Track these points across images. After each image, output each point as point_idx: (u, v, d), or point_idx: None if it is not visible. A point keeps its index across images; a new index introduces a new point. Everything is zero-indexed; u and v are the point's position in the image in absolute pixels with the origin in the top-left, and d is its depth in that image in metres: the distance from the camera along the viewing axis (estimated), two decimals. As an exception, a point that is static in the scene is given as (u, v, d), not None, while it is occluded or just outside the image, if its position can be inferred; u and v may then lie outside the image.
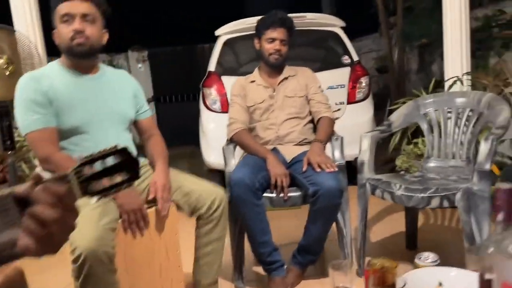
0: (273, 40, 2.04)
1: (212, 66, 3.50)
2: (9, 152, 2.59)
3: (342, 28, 3.60)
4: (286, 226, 2.38)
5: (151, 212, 1.54)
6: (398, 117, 2.11)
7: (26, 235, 0.56)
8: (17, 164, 2.84)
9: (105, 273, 1.25)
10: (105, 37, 1.59)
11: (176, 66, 7.30)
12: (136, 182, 1.56)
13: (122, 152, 0.71)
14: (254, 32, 2.16)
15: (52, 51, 2.09)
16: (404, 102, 3.15)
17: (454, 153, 2.01)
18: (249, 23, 3.44)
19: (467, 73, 2.69)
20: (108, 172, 0.69)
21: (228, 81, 3.35)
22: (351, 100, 3.39)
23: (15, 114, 1.47)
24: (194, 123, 3.76)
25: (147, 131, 1.73)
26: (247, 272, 1.98)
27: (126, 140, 1.63)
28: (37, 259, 0.58)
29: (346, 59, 3.46)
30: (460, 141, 2.00)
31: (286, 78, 2.12)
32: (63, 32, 1.46)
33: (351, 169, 2.13)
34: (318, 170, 1.74)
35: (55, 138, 1.45)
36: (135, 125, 1.73)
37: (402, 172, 2.56)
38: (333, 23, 3.60)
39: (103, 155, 0.69)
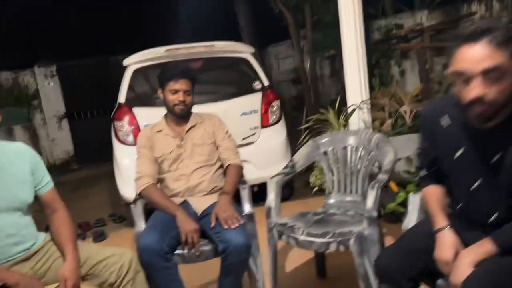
0: (176, 91, 2.05)
1: (122, 98, 3.40)
2: None
3: (252, 53, 3.70)
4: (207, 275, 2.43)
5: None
6: (301, 157, 2.24)
7: None
8: None
9: None
10: None
11: (89, 79, 6.96)
12: (38, 263, 1.52)
13: None
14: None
15: None
16: (318, 118, 3.36)
17: (351, 189, 2.19)
18: (158, 53, 3.42)
19: (364, 101, 2.91)
20: None
21: (140, 112, 3.30)
22: (264, 124, 3.51)
23: None
24: (110, 139, 3.57)
25: (50, 205, 1.62)
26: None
27: (25, 226, 1.54)
28: None
29: (257, 85, 3.56)
30: (356, 177, 2.18)
31: (193, 126, 2.14)
32: None
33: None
34: (226, 226, 1.80)
35: None
36: (36, 198, 1.61)
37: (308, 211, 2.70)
38: (242, 50, 3.68)
39: None
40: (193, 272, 2.11)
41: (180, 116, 2.10)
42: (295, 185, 3.86)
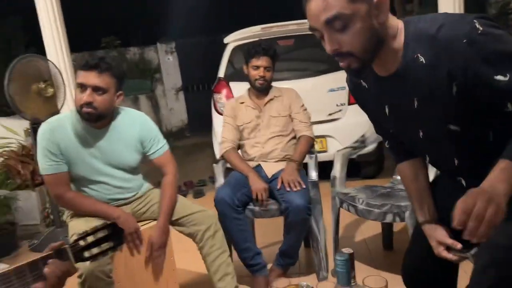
0: (257, 67, 2.28)
1: (221, 73, 3.77)
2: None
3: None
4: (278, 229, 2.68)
5: (145, 230, 1.88)
6: (372, 133, 2.31)
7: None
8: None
9: (103, 285, 1.62)
10: (120, 98, 1.77)
11: (202, 56, 7.59)
12: (138, 206, 1.91)
13: (110, 226, 1.11)
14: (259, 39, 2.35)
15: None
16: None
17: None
18: (255, 31, 3.68)
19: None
20: (98, 241, 1.10)
21: (236, 86, 3.62)
22: (352, 101, 3.56)
23: (37, 153, 1.81)
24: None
25: (160, 168, 1.93)
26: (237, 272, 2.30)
27: (129, 181, 1.89)
28: None
29: (346, 62, 3.61)
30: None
31: (271, 99, 2.37)
32: (76, 98, 1.70)
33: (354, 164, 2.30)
34: (288, 189, 2.02)
35: (66, 181, 1.75)
36: (151, 162, 1.94)
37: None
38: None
39: (95, 231, 1.09)
40: (266, 228, 2.39)
41: (260, 90, 2.34)
42: (386, 164, 3.88)
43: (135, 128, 1.86)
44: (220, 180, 2.27)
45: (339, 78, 3.58)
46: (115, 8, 8.47)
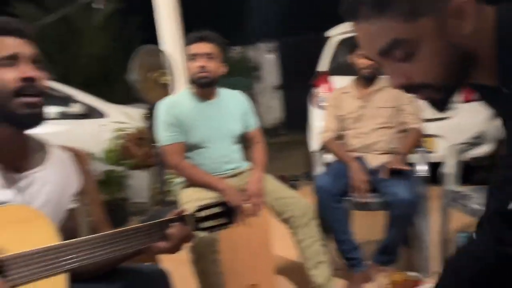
0: (364, 55, 2.22)
1: (322, 67, 3.75)
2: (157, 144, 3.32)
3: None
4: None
5: (248, 207, 1.95)
6: (491, 129, 2.11)
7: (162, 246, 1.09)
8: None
9: (210, 253, 1.72)
10: (223, 68, 1.99)
11: (302, 55, 7.62)
12: (240, 182, 2.00)
13: (224, 204, 1.20)
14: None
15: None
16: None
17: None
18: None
19: None
20: (214, 216, 1.20)
21: (337, 80, 3.57)
22: (466, 99, 3.29)
23: (157, 128, 2.00)
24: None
25: (252, 139, 2.13)
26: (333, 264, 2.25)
27: (233, 151, 2.06)
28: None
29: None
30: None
31: (379, 90, 2.29)
32: (191, 67, 1.93)
33: (468, 169, 2.17)
34: (391, 178, 1.93)
35: (182, 151, 1.94)
36: (244, 135, 2.13)
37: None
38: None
39: (212, 205, 1.18)
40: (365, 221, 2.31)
41: (367, 78, 2.27)
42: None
43: (239, 102, 2.10)
44: (319, 169, 2.25)
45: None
46: (219, 8, 8.90)
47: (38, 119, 1.00)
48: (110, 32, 7.05)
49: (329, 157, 2.38)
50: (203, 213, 1.20)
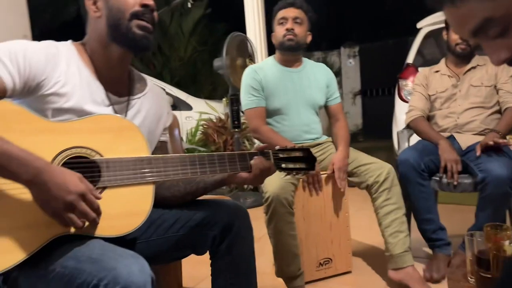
0: None
1: (410, 58, 3.59)
2: (236, 130, 3.42)
3: None
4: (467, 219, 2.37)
5: (326, 177, 1.92)
6: None
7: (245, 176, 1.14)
8: (241, 140, 3.67)
9: (285, 213, 1.70)
10: (309, 38, 2.03)
11: (386, 60, 7.40)
12: (319, 152, 1.98)
13: (306, 150, 1.19)
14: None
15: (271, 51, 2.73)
16: None
17: None
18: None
19: None
20: (295, 159, 1.20)
21: (425, 73, 3.39)
22: None
23: (241, 92, 2.05)
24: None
25: (334, 115, 2.10)
26: (415, 249, 2.11)
27: (314, 122, 2.05)
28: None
29: None
30: None
31: (473, 68, 2.13)
32: (278, 32, 1.96)
33: None
34: (485, 155, 1.77)
35: (263, 115, 1.97)
36: (325, 109, 2.12)
37: None
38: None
39: (294, 149, 1.19)
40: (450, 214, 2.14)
41: (461, 56, 2.13)
42: None
43: (323, 73, 2.09)
44: (403, 146, 2.14)
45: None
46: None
47: (148, 42, 1.08)
48: (199, 38, 7.46)
49: (415, 139, 2.25)
50: (281, 154, 1.20)
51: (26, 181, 0.82)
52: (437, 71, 2.22)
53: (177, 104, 4.43)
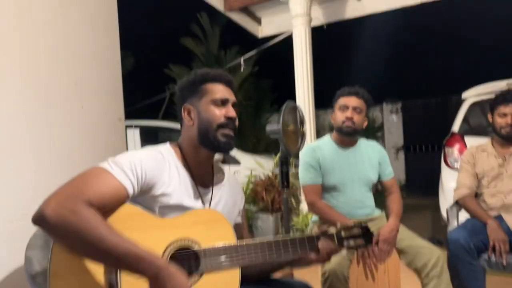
0: (505, 115, 2.22)
1: (456, 127, 3.71)
2: (285, 190, 3.61)
3: None
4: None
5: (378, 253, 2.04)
6: None
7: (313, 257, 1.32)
8: (289, 199, 3.84)
9: (340, 286, 1.84)
10: (365, 123, 2.18)
11: (428, 117, 7.46)
12: (372, 227, 2.10)
13: (365, 227, 1.36)
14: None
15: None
16: None
17: None
18: (499, 86, 3.51)
19: None
20: (354, 236, 1.34)
21: (471, 141, 3.49)
22: None
23: (299, 169, 2.25)
24: (440, 173, 3.86)
25: (388, 189, 2.24)
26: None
27: (368, 198, 2.20)
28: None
29: None
30: None
31: (519, 149, 2.24)
32: (339, 117, 2.13)
33: None
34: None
35: (319, 191, 2.14)
36: (380, 184, 2.27)
37: None
38: None
39: (353, 226, 1.35)
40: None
41: (506, 138, 2.25)
42: None
43: (376, 151, 2.25)
44: (453, 223, 2.24)
45: None
46: (344, 69, 9.30)
47: (230, 146, 1.32)
48: (244, 93, 7.88)
49: (464, 215, 2.34)
50: (343, 233, 1.36)
51: (150, 277, 1.04)
52: (484, 151, 2.34)
53: (226, 158, 4.70)
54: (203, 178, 1.35)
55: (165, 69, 8.53)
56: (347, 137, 2.17)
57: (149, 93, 9.04)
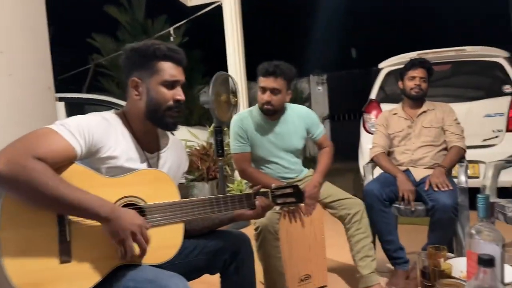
0: (413, 77, 2.52)
1: (373, 94, 4.07)
2: (220, 158, 3.75)
3: (506, 58, 3.68)
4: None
5: (304, 206, 2.27)
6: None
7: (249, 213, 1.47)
8: (224, 166, 3.99)
9: (272, 239, 2.04)
10: (289, 97, 2.24)
11: (351, 88, 7.96)
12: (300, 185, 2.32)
13: (296, 187, 1.51)
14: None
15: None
16: None
17: None
18: (411, 57, 3.88)
19: None
20: (287, 195, 1.50)
21: (387, 108, 3.85)
22: (510, 128, 3.46)
23: (230, 138, 2.36)
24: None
25: (321, 145, 2.41)
26: (380, 265, 2.49)
27: (294, 163, 2.35)
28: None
29: (507, 88, 3.55)
30: None
31: (425, 112, 2.57)
32: (259, 97, 2.17)
33: (509, 194, 2.36)
34: (436, 189, 2.19)
35: (248, 159, 2.26)
36: (314, 143, 2.42)
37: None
38: (495, 54, 3.71)
39: (286, 186, 1.50)
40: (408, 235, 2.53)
41: (415, 99, 2.55)
42: None
43: (302, 118, 2.34)
44: (368, 177, 2.54)
45: (497, 104, 3.57)
46: (273, 43, 9.50)
47: (175, 126, 1.40)
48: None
49: (379, 171, 2.65)
50: (277, 192, 1.53)
51: (105, 217, 1.12)
52: (395, 114, 2.65)
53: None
54: (149, 143, 1.42)
55: (88, 39, 8.10)
56: (269, 116, 2.26)
57: (71, 64, 8.52)
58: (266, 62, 2.17)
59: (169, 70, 1.33)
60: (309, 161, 2.50)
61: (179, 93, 1.35)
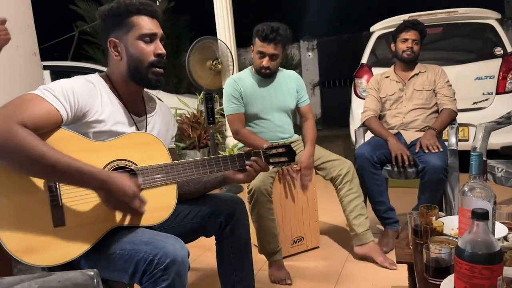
0: (406, 40, 2.49)
1: (364, 59, 4.02)
2: (211, 126, 3.72)
3: (498, 19, 3.64)
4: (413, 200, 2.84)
5: (297, 171, 2.28)
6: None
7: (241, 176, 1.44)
8: (215, 134, 3.97)
9: (265, 201, 2.06)
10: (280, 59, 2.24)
11: (342, 53, 7.86)
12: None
13: (288, 146, 1.49)
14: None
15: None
16: None
17: None
18: (400, 19, 3.82)
19: None
20: (279, 155, 1.49)
21: (378, 72, 3.82)
22: (500, 91, 3.47)
23: (223, 100, 2.34)
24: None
25: (304, 115, 2.42)
26: (370, 226, 2.53)
27: (287, 123, 2.37)
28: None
29: (498, 51, 3.53)
30: None
31: (416, 74, 2.55)
32: (257, 61, 2.21)
33: (497, 156, 2.40)
34: (426, 151, 2.20)
35: (242, 120, 2.27)
36: (297, 110, 2.43)
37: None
38: (487, 16, 3.67)
39: (278, 146, 1.49)
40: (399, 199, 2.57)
41: (407, 62, 2.53)
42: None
43: (294, 80, 2.37)
44: (360, 141, 2.55)
45: (488, 66, 3.57)
46: (263, 9, 9.29)
47: (160, 83, 1.36)
48: (162, 30, 7.55)
49: (369, 136, 2.66)
50: (269, 151, 1.52)
51: (96, 188, 1.11)
52: (387, 77, 2.63)
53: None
54: (136, 107, 1.39)
55: (71, 5, 7.80)
56: (265, 78, 2.28)
57: (54, 32, 8.25)
58: (264, 24, 2.16)
59: (145, 23, 1.29)
60: (299, 129, 2.53)
61: (159, 47, 1.31)
